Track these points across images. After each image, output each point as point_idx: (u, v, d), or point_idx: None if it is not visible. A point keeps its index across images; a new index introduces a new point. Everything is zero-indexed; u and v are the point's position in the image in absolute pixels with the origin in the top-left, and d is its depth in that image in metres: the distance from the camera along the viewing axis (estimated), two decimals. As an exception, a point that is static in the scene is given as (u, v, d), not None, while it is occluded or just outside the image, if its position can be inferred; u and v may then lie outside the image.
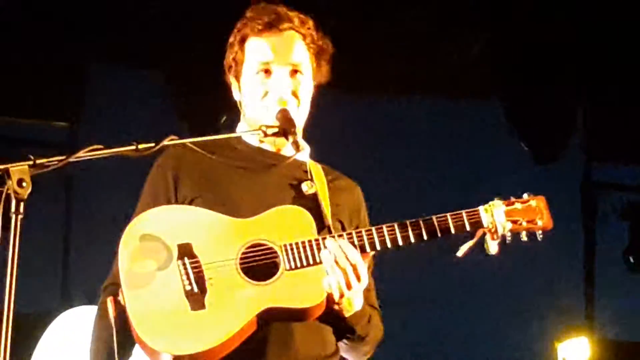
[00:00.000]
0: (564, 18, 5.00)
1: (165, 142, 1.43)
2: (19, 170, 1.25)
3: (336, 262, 1.46)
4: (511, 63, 4.90)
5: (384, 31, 4.55)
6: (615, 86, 4.99)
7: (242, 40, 1.66)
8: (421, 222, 1.54)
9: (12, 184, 1.22)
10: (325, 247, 1.48)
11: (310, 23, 1.68)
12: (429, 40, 4.71)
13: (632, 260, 5.01)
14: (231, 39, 1.69)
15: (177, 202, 1.61)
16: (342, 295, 1.47)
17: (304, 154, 1.67)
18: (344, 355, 1.65)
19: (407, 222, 1.54)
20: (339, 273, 1.46)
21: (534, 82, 4.95)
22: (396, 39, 4.54)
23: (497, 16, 4.96)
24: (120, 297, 1.46)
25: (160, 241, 1.52)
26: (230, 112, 2.20)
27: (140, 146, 1.38)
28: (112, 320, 1.42)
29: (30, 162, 1.27)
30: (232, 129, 1.77)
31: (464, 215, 1.56)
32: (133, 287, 1.47)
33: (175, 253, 1.49)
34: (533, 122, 5.01)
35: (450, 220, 1.54)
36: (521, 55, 4.87)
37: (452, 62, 4.92)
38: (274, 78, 1.63)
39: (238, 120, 1.76)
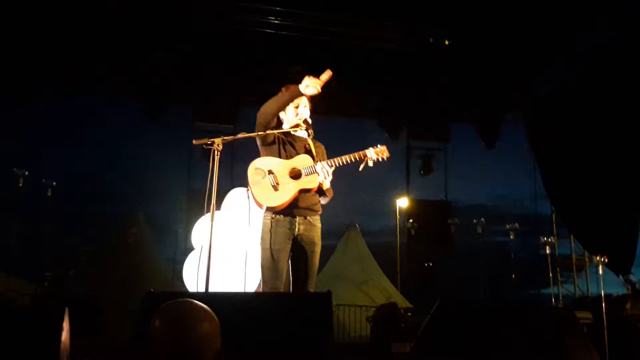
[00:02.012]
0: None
1: (270, 132, 4.05)
2: (218, 140, 3.87)
3: (322, 169, 4.00)
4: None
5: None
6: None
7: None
8: (348, 156, 4.03)
9: (215, 144, 3.87)
10: (316, 165, 4.02)
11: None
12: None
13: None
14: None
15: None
16: (325, 179, 4.01)
17: (307, 134, 4.18)
18: (321, 201, 4.15)
19: (343, 157, 4.03)
20: (324, 172, 3.99)
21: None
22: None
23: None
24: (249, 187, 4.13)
25: (262, 168, 4.11)
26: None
27: (260, 133, 4.01)
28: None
29: (220, 139, 3.92)
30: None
31: (363, 152, 4.04)
32: (254, 184, 4.10)
33: (267, 172, 4.09)
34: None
35: (360, 154, 4.03)
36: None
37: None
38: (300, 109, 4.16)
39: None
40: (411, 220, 10.87)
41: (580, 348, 2.83)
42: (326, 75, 3.98)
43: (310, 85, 3.95)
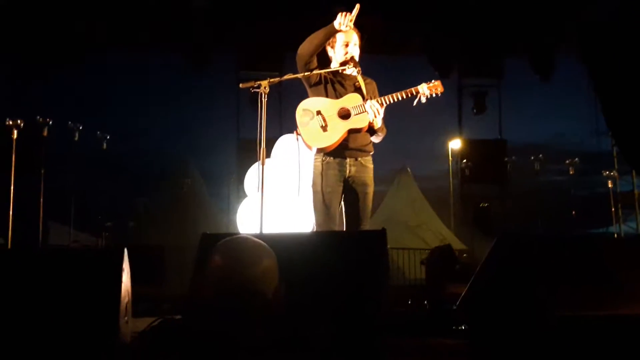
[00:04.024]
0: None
1: (316, 72, 3.94)
2: (264, 82, 3.80)
3: (371, 107, 3.88)
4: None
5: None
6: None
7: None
8: (399, 93, 3.89)
9: (262, 87, 3.81)
10: (366, 104, 3.90)
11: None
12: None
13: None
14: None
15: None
16: (374, 117, 3.89)
17: (355, 72, 4.04)
18: (373, 140, 4.06)
19: (395, 94, 3.89)
20: (373, 110, 3.87)
21: None
22: None
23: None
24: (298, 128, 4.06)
25: (309, 109, 4.03)
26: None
27: (307, 73, 3.91)
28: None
29: (267, 81, 3.84)
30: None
31: (416, 88, 3.88)
32: (302, 125, 4.02)
33: (315, 113, 4.00)
34: None
35: (413, 90, 3.88)
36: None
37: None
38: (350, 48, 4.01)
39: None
40: (465, 161, 10.62)
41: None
42: (355, 10, 3.82)
43: (342, 23, 3.81)
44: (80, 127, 7.67)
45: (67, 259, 2.65)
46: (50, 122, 7.14)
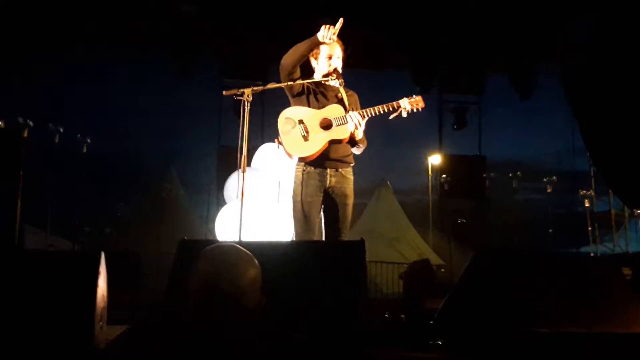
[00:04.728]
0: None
1: (299, 82, 3.95)
2: (247, 90, 3.80)
3: (353, 119, 3.89)
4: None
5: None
6: None
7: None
8: (381, 107, 3.91)
9: (245, 95, 3.80)
10: (348, 115, 3.91)
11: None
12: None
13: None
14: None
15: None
16: (356, 128, 3.90)
17: (338, 83, 4.06)
18: (354, 151, 4.07)
19: (376, 107, 3.91)
20: (355, 122, 3.89)
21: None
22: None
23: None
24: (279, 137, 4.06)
25: (292, 117, 4.03)
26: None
27: (290, 83, 3.92)
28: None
29: (250, 89, 3.83)
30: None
31: (397, 103, 3.91)
32: (284, 134, 4.01)
33: (297, 122, 4.01)
34: None
35: (394, 104, 3.91)
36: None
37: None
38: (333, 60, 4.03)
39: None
40: (444, 176, 10.71)
41: (625, 299, 2.73)
42: (339, 24, 3.85)
43: (325, 36, 3.83)
44: (61, 130, 7.58)
45: (43, 262, 2.61)
46: (31, 124, 7.04)
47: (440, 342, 2.85)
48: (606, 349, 2.29)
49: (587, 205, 8.24)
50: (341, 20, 3.84)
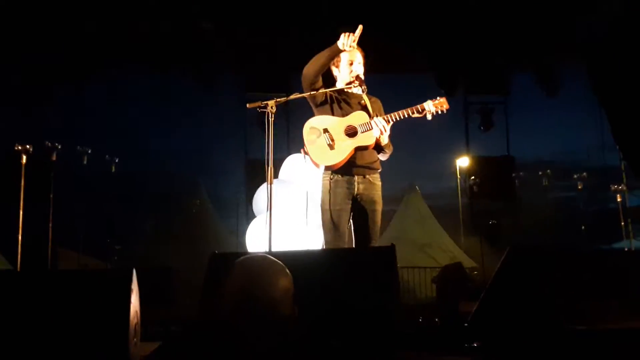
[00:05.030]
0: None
1: (322, 91, 3.97)
2: (271, 102, 3.82)
3: (377, 125, 3.88)
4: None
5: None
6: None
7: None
8: (405, 111, 3.89)
9: (269, 107, 3.83)
10: (372, 121, 3.90)
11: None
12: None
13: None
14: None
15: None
16: (381, 134, 3.89)
17: (361, 90, 4.05)
18: (380, 157, 4.06)
19: (400, 111, 3.90)
20: (380, 127, 3.88)
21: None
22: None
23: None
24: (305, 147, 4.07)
25: (317, 127, 4.04)
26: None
27: (313, 92, 3.93)
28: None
29: (274, 100, 3.86)
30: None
31: (422, 105, 3.89)
32: (309, 143, 4.03)
33: (322, 130, 4.01)
34: None
35: (419, 107, 3.88)
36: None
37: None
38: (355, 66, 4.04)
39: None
40: (473, 178, 10.60)
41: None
42: (358, 31, 3.84)
43: (345, 43, 3.83)
44: (89, 151, 7.71)
45: (76, 281, 2.65)
46: (59, 147, 7.16)
47: (475, 345, 2.82)
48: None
49: (619, 200, 8.05)
50: (360, 27, 3.84)
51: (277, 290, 1.78)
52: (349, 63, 4.07)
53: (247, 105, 3.91)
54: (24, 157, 6.45)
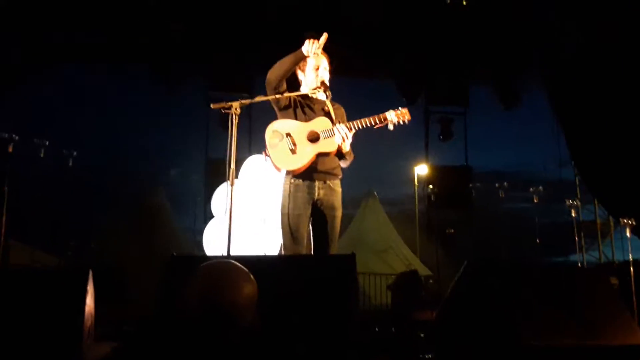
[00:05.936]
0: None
1: (286, 95, 3.96)
2: (235, 104, 3.80)
3: (340, 131, 3.90)
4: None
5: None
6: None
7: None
8: (368, 119, 3.93)
9: (233, 108, 3.80)
10: (335, 128, 3.92)
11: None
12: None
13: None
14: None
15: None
16: (343, 141, 3.91)
17: (325, 96, 4.08)
18: (341, 164, 4.07)
19: (363, 120, 3.93)
20: (342, 134, 3.90)
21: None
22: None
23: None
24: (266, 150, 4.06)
25: (279, 130, 4.03)
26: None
27: (277, 96, 3.93)
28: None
29: (238, 102, 3.84)
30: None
31: (384, 115, 3.93)
32: (271, 147, 4.01)
33: (285, 135, 4.01)
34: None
35: (381, 117, 3.93)
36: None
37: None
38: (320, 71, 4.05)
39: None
40: (431, 186, 10.74)
41: (612, 309, 2.74)
42: (323, 38, 3.85)
43: (310, 50, 3.84)
44: (47, 143, 7.50)
45: (29, 281, 2.57)
46: (17, 138, 6.95)
47: (430, 356, 2.85)
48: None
49: (573, 214, 8.29)
50: (325, 35, 3.85)
51: (242, 296, 1.77)
52: (315, 68, 4.08)
53: (211, 105, 3.87)
54: (-21, 148, 6.25)
